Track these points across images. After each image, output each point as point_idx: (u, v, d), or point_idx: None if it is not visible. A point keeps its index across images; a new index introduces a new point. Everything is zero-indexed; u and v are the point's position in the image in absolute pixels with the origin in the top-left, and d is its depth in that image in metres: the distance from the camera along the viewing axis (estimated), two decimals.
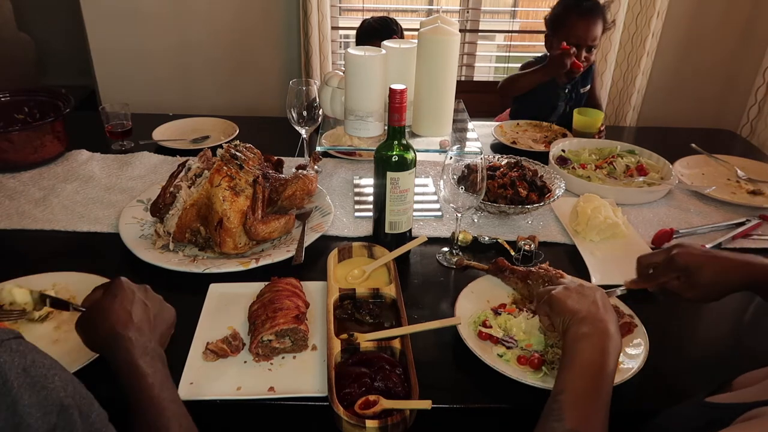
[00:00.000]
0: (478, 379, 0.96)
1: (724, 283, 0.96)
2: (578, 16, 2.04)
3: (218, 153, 1.30)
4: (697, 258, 0.96)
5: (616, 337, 0.82)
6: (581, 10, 2.04)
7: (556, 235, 1.39)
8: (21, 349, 0.53)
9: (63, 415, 0.54)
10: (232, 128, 1.88)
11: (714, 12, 2.86)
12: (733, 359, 1.04)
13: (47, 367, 0.54)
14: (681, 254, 0.98)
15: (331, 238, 1.34)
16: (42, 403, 0.52)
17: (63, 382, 0.55)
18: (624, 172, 1.66)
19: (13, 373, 0.50)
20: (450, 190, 1.19)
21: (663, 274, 1.00)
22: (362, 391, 0.86)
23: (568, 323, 0.85)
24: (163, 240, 1.25)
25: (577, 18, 2.04)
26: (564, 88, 2.15)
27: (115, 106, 1.76)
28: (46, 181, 1.56)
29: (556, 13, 2.12)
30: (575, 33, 2.04)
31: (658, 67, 2.93)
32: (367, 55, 1.29)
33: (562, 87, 2.15)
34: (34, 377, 0.52)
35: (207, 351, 0.97)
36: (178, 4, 2.83)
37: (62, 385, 0.55)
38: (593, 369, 0.78)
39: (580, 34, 2.04)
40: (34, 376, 0.52)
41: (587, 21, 2.03)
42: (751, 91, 2.78)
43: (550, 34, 2.14)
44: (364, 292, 1.10)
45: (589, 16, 2.04)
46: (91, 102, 3.15)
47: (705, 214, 1.52)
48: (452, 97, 1.39)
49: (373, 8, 3.12)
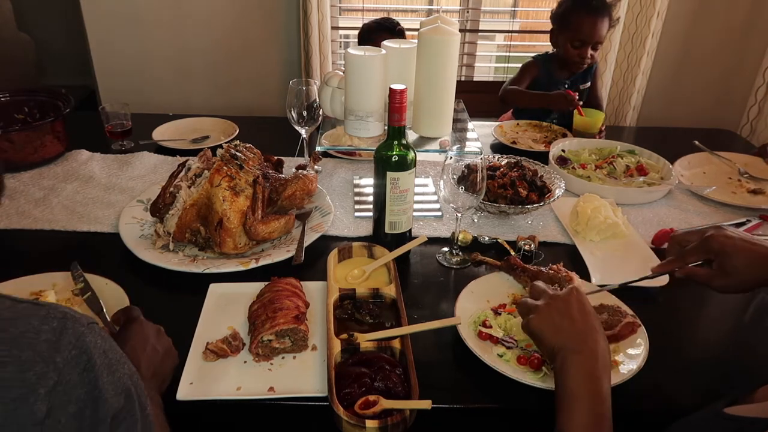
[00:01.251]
0: (478, 379, 0.96)
1: (758, 274, 0.91)
2: (586, 14, 2.03)
3: (218, 153, 1.30)
4: (733, 242, 0.91)
5: (603, 352, 0.80)
6: (589, 8, 2.03)
7: (556, 235, 1.39)
8: (102, 334, 0.58)
9: (129, 400, 0.59)
10: (232, 128, 1.88)
11: (714, 12, 2.86)
12: (733, 359, 1.04)
13: (120, 354, 0.61)
14: (717, 236, 0.93)
15: (331, 238, 1.34)
16: (116, 383, 0.57)
17: (130, 371, 0.61)
18: (624, 172, 1.66)
19: (97, 353, 0.55)
20: (450, 190, 1.19)
21: (694, 254, 0.96)
22: (362, 391, 0.86)
23: (552, 355, 0.84)
24: (163, 240, 1.25)
25: (585, 16, 2.03)
26: (563, 83, 2.15)
27: (115, 106, 1.76)
28: (46, 181, 1.55)
29: (563, 10, 2.10)
30: (582, 31, 2.03)
31: (658, 67, 2.93)
32: (367, 55, 1.29)
33: (561, 83, 2.15)
34: (111, 360, 0.58)
35: (207, 351, 0.97)
36: (178, 4, 2.83)
37: (129, 374, 0.61)
38: (587, 399, 0.77)
39: (586, 32, 2.03)
40: (111, 358, 0.58)
41: (595, 19, 2.02)
42: (751, 91, 2.78)
43: (556, 31, 2.13)
44: (364, 292, 1.10)
45: (597, 14, 2.03)
46: (91, 102, 3.15)
47: (705, 214, 1.52)
48: (452, 97, 1.39)
49: (373, 8, 3.12)
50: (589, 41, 2.04)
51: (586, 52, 2.06)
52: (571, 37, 2.07)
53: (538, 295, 0.92)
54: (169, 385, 0.90)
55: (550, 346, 0.84)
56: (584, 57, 2.07)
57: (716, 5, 2.85)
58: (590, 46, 2.05)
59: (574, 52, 2.08)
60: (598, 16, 2.03)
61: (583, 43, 2.05)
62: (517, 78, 2.22)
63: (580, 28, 2.04)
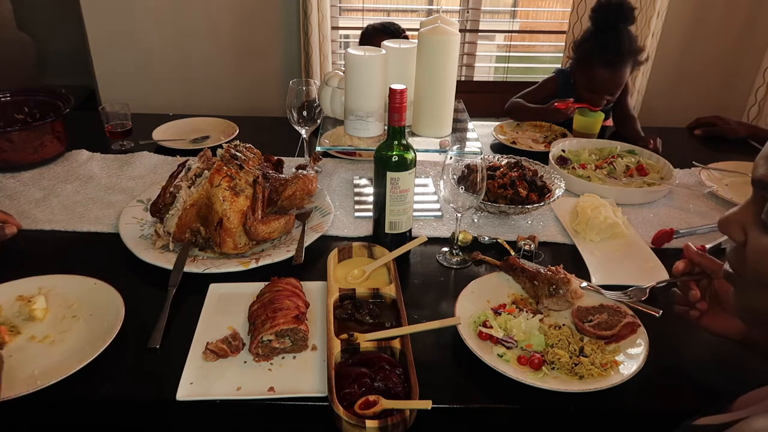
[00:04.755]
0: (478, 379, 0.96)
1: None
2: (601, 66, 1.92)
3: (218, 153, 1.30)
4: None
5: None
6: (605, 62, 1.91)
7: (556, 235, 1.39)
8: None
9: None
10: (232, 128, 1.88)
11: (714, 12, 2.87)
12: (733, 359, 1.04)
13: None
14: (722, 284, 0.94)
15: (331, 238, 1.34)
16: None
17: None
18: (624, 172, 1.66)
19: None
20: (450, 190, 1.19)
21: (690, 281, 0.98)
22: (362, 392, 0.86)
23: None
24: (163, 240, 1.25)
25: (599, 67, 1.92)
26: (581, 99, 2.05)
27: (115, 106, 1.76)
28: (46, 181, 1.55)
29: (582, 52, 1.99)
30: (595, 81, 1.94)
31: (658, 67, 2.93)
32: (367, 55, 1.29)
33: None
34: None
35: (207, 351, 0.97)
36: (178, 4, 2.83)
37: None
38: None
39: (601, 83, 1.93)
40: None
41: (610, 73, 1.92)
42: (751, 91, 2.78)
43: (573, 64, 2.03)
44: (364, 292, 1.10)
45: (613, 68, 1.92)
46: (91, 102, 3.16)
47: (705, 214, 1.52)
48: (452, 97, 1.39)
49: (373, 8, 3.12)
50: (603, 92, 1.95)
51: (601, 101, 1.96)
52: (585, 83, 1.97)
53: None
54: (169, 385, 0.90)
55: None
56: (599, 104, 1.96)
57: (716, 6, 2.85)
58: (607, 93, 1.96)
59: (588, 95, 1.98)
60: (614, 70, 1.91)
61: (599, 92, 1.95)
62: (533, 90, 2.14)
63: (593, 79, 1.94)
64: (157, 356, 0.99)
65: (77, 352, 0.97)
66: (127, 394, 0.92)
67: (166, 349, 1.00)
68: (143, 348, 0.99)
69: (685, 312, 1.00)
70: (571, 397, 0.92)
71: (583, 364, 0.95)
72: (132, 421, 0.96)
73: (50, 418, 0.94)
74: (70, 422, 0.96)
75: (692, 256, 0.98)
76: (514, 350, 1.00)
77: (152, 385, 0.93)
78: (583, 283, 1.12)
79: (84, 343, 0.99)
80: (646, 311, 1.05)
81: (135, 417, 0.95)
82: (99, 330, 1.01)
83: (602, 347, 1.01)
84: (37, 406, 0.90)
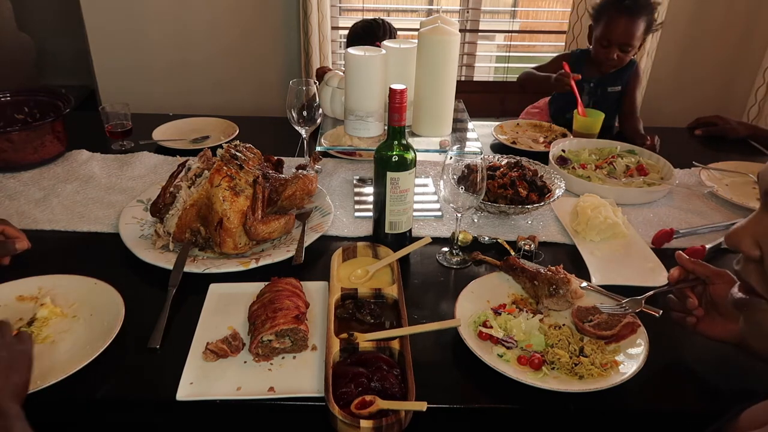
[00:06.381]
0: (478, 379, 0.96)
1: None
2: (617, 13, 1.96)
3: (218, 153, 1.30)
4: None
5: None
6: (620, 8, 1.95)
7: (556, 235, 1.39)
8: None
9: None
10: (232, 128, 1.88)
11: (714, 12, 2.87)
12: (732, 359, 1.04)
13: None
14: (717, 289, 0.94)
15: (331, 238, 1.34)
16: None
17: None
18: (624, 172, 1.66)
19: None
20: (450, 190, 1.19)
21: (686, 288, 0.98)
22: (359, 391, 0.86)
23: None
24: (163, 240, 1.25)
25: (615, 14, 1.96)
26: (589, 82, 2.09)
27: (115, 106, 1.76)
28: (46, 181, 1.55)
29: (600, 5, 2.03)
30: (610, 30, 1.97)
31: (658, 67, 2.93)
32: (367, 55, 1.29)
33: (587, 81, 2.09)
34: None
35: (207, 351, 0.97)
36: (178, 4, 2.83)
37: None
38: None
39: (615, 32, 1.96)
40: None
41: (625, 20, 1.94)
42: (751, 91, 2.78)
43: (592, 25, 2.07)
44: (367, 292, 1.10)
45: (629, 15, 1.94)
46: (91, 102, 3.16)
47: (705, 214, 1.52)
48: (452, 97, 1.39)
49: (373, 8, 3.12)
50: (617, 42, 1.97)
51: (612, 53, 1.98)
52: (600, 35, 2.00)
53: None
54: (169, 385, 0.91)
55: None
56: (609, 58, 2.00)
57: (716, 6, 2.85)
58: (618, 47, 1.98)
59: (601, 50, 2.02)
60: (630, 17, 1.94)
61: (610, 42, 1.98)
62: (545, 64, 2.19)
63: (609, 27, 1.97)
64: (157, 356, 0.99)
65: (77, 352, 0.97)
66: (127, 394, 0.92)
67: (166, 349, 1.00)
68: (143, 348, 0.99)
69: (682, 318, 1.00)
70: (571, 397, 0.92)
71: (583, 364, 0.95)
72: (132, 421, 0.96)
73: (50, 418, 0.94)
74: (70, 422, 0.96)
75: (685, 263, 0.99)
76: (514, 350, 1.00)
77: (152, 385, 0.93)
78: (583, 283, 1.12)
79: (84, 343, 0.99)
80: (646, 311, 1.05)
81: (135, 417, 0.95)
82: (99, 330, 1.01)
83: (602, 347, 1.01)
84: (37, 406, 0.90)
